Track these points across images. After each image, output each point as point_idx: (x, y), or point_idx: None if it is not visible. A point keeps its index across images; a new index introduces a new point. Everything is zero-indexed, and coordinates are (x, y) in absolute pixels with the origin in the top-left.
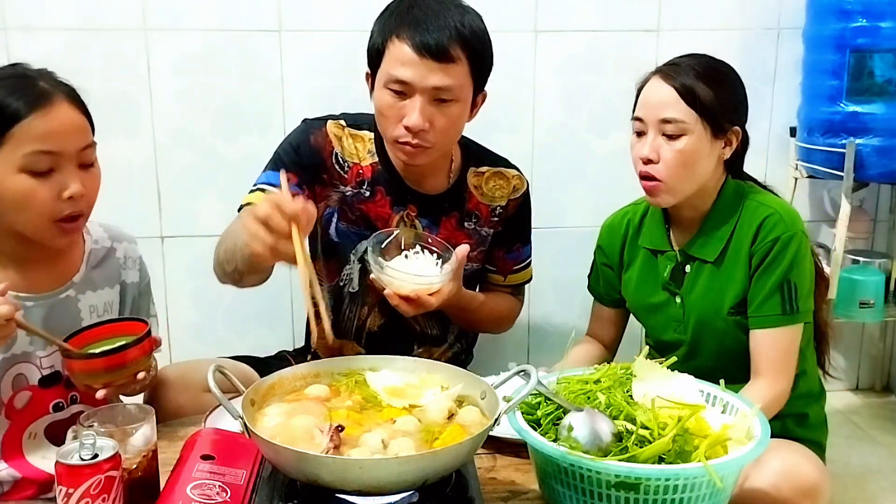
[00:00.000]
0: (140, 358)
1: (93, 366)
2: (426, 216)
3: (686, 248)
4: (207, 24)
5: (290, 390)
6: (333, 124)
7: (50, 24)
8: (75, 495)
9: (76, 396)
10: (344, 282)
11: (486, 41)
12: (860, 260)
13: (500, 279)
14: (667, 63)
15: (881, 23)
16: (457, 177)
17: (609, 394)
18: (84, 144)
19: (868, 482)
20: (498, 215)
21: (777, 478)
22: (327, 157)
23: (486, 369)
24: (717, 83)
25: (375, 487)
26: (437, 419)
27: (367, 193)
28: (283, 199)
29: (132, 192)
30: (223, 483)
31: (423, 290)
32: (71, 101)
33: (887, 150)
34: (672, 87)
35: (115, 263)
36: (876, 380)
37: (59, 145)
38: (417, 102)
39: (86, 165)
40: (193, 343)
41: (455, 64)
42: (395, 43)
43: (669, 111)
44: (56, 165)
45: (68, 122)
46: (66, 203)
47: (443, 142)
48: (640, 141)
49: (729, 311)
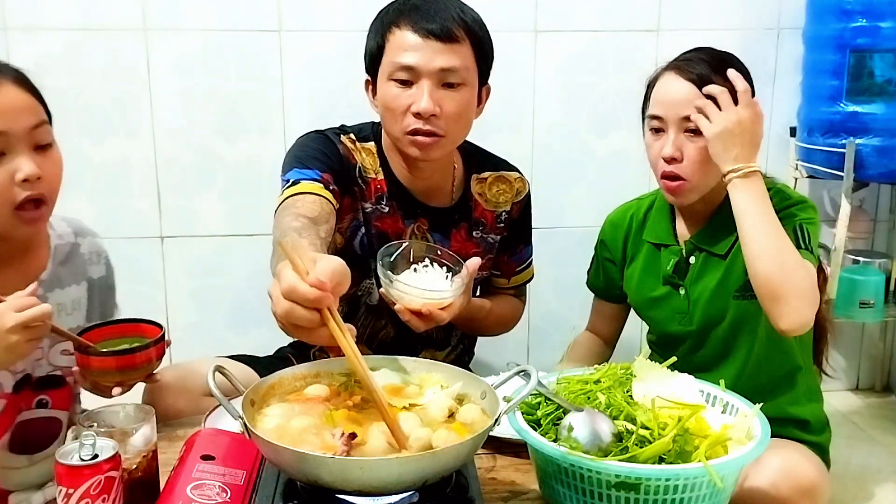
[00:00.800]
0: (154, 360)
1: (108, 364)
2: (438, 230)
3: (694, 241)
4: (207, 24)
5: (290, 390)
6: (347, 139)
7: (50, 24)
8: (75, 496)
9: (45, 400)
10: (362, 292)
11: (486, 30)
12: (860, 260)
13: (504, 282)
14: (677, 58)
15: (881, 23)
16: (461, 187)
17: (609, 394)
18: (34, 123)
19: (868, 482)
20: (504, 221)
21: (777, 477)
22: (352, 169)
23: (486, 369)
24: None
25: (375, 488)
26: (437, 417)
27: (385, 209)
28: (298, 289)
29: (132, 192)
30: (223, 483)
31: (433, 305)
32: (16, 83)
33: (887, 150)
34: (688, 80)
35: (80, 259)
36: (876, 380)
37: (5, 126)
38: (425, 86)
39: (41, 147)
40: (193, 343)
41: (460, 44)
42: (395, 33)
43: (691, 107)
44: (6, 148)
45: (12, 102)
46: (21, 186)
47: (454, 131)
48: (659, 139)
49: (734, 294)
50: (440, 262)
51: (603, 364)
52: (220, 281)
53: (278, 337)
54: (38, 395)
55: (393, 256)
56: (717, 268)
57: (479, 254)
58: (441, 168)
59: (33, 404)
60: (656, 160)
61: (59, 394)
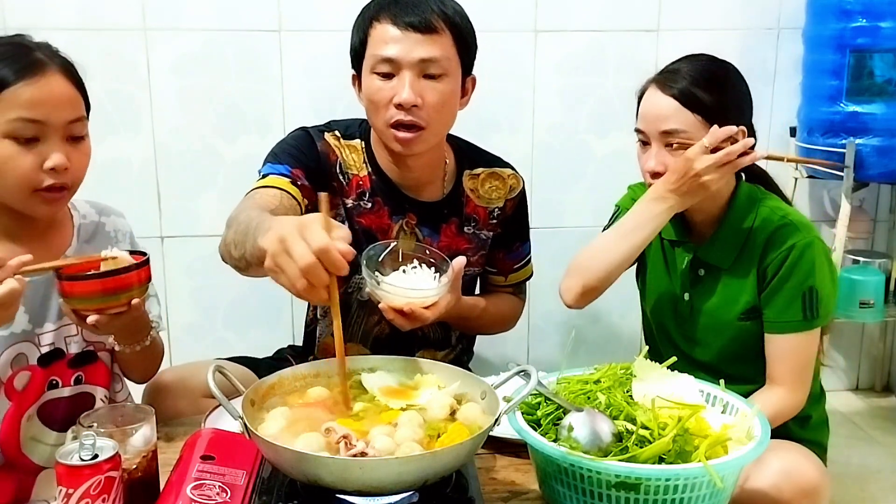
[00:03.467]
0: (136, 285)
1: (89, 288)
2: (426, 224)
3: (701, 255)
4: (207, 24)
5: (290, 390)
6: (330, 135)
7: (50, 24)
8: (75, 496)
9: (81, 377)
10: (352, 289)
11: (468, 20)
12: (860, 260)
13: (502, 280)
14: (664, 70)
15: (881, 23)
16: (452, 181)
17: (609, 394)
18: (73, 117)
19: (868, 482)
20: (496, 217)
21: (777, 478)
22: (332, 166)
23: (486, 369)
24: (717, 85)
25: (376, 488)
26: (438, 416)
27: (368, 205)
28: (330, 251)
29: (132, 191)
30: (223, 483)
31: (417, 304)
32: (64, 74)
33: (887, 150)
34: (671, 96)
35: (105, 237)
36: (876, 380)
37: (45, 115)
38: (406, 77)
39: (74, 139)
40: (193, 343)
41: (439, 34)
42: (376, 27)
43: (670, 122)
44: (41, 135)
45: (58, 93)
46: (48, 174)
47: (437, 122)
48: (646, 152)
49: (739, 316)
50: (428, 261)
51: (603, 364)
52: (220, 281)
53: (278, 337)
54: (74, 372)
55: (381, 256)
56: (722, 282)
57: (470, 249)
58: (430, 163)
59: (71, 381)
60: (644, 173)
61: (92, 369)
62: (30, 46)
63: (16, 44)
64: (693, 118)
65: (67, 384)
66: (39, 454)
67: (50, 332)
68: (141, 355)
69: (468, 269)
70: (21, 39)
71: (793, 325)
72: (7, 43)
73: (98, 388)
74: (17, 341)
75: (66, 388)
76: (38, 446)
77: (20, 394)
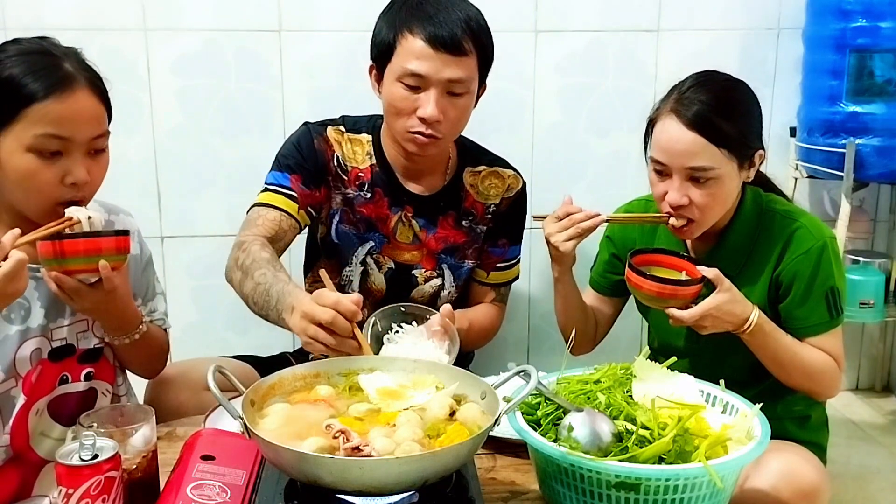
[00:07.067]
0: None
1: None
2: (422, 216)
3: (706, 262)
4: (207, 24)
5: (290, 390)
6: (333, 129)
7: (50, 24)
8: (75, 496)
9: (91, 372)
10: (344, 282)
11: (490, 35)
12: (860, 260)
13: (483, 275)
14: (678, 96)
15: (881, 23)
16: (452, 175)
17: (609, 394)
18: (96, 134)
19: (868, 482)
20: (491, 213)
21: (777, 479)
22: (329, 161)
23: (486, 369)
24: (737, 112)
25: (376, 488)
26: (438, 416)
27: (368, 195)
28: (342, 302)
29: (132, 191)
30: (223, 483)
31: None
32: (92, 89)
33: (887, 150)
34: (695, 131)
35: None
36: (876, 380)
37: (70, 131)
38: (432, 95)
39: (95, 153)
40: (193, 343)
41: (467, 57)
42: (407, 38)
43: (699, 160)
44: (65, 150)
45: (85, 110)
46: (68, 188)
47: (451, 133)
48: (664, 181)
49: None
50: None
51: (603, 364)
52: (220, 281)
53: (278, 337)
54: (84, 367)
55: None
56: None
57: (466, 242)
58: (435, 156)
59: (81, 377)
60: (660, 199)
61: (98, 366)
62: (58, 56)
63: (45, 52)
64: (720, 154)
65: (77, 379)
66: (46, 448)
67: (64, 328)
68: (134, 349)
69: (465, 261)
70: (49, 47)
71: (822, 326)
72: (36, 52)
73: (104, 383)
74: (33, 336)
75: (79, 384)
76: (45, 441)
77: (32, 388)
